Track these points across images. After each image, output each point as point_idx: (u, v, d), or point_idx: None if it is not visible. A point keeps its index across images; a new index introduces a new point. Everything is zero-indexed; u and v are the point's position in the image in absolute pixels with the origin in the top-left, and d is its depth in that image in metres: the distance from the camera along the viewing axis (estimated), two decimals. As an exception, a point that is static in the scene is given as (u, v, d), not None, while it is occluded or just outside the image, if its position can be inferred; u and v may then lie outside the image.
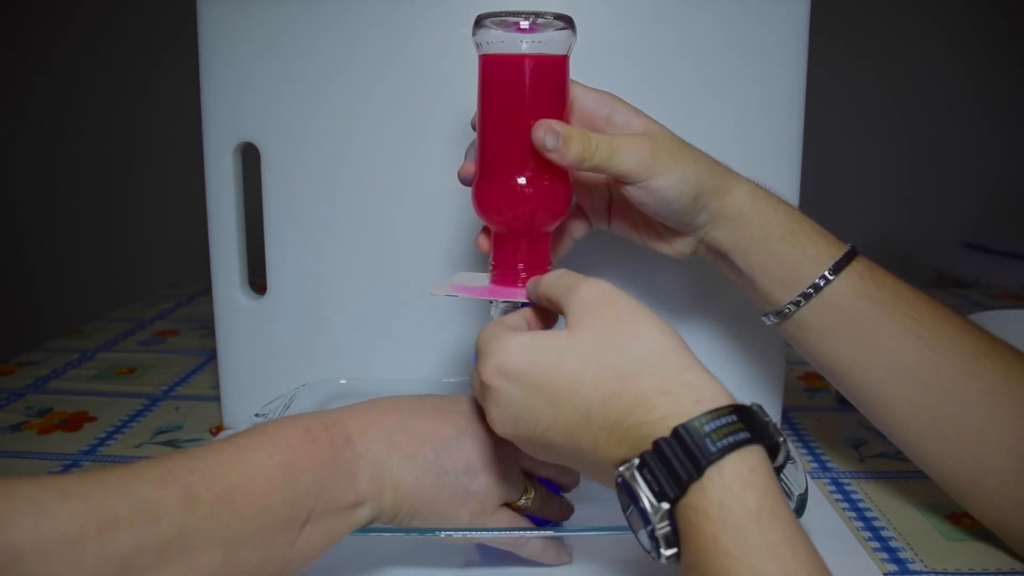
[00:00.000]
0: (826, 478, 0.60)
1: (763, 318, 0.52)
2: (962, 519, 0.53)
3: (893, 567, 0.49)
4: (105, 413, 0.71)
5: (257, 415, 0.54)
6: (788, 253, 0.49)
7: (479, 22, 0.45)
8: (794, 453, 0.48)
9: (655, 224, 0.52)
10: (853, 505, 0.56)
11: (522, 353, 0.38)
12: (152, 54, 2.16)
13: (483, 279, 0.49)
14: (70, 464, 0.61)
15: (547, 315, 0.44)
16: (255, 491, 0.37)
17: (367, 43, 0.60)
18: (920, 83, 2.15)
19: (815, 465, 0.62)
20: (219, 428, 0.67)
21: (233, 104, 0.62)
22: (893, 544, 0.51)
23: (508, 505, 0.46)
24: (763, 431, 0.34)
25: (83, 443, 0.65)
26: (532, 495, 0.47)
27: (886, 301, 0.48)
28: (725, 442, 0.33)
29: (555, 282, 0.41)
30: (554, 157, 0.45)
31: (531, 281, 0.44)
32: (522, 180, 0.46)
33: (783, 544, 0.31)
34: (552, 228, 0.49)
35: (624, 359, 0.36)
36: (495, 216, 0.48)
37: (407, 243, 0.63)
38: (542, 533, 0.49)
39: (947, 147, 2.21)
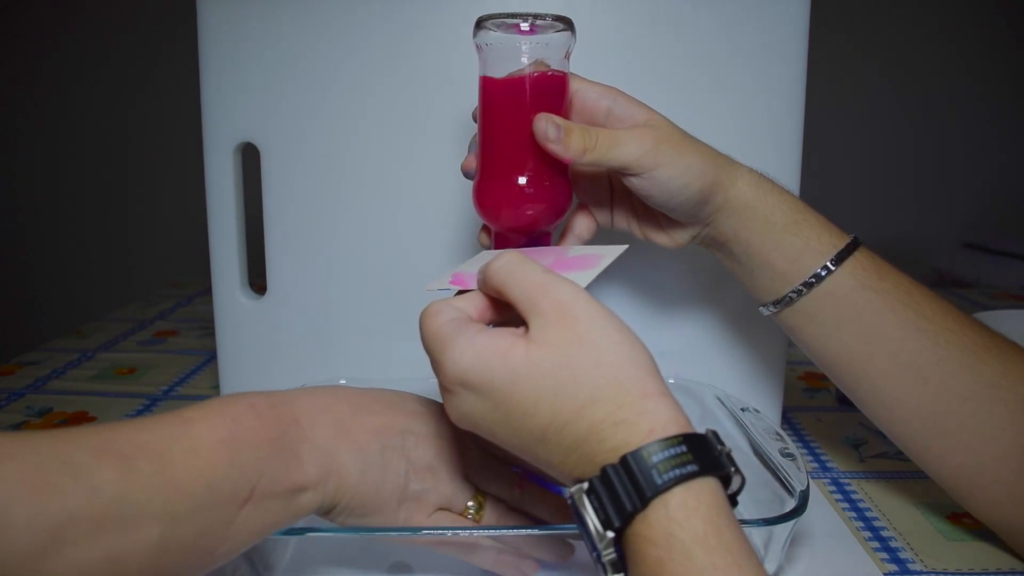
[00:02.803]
0: (826, 478, 0.60)
1: (761, 308, 0.52)
2: (962, 519, 0.53)
3: (893, 567, 0.49)
4: (105, 413, 0.71)
5: (257, 415, 0.54)
6: (791, 243, 0.49)
7: (479, 24, 0.45)
8: (792, 449, 0.48)
9: (656, 215, 0.51)
10: (853, 505, 0.56)
11: (477, 365, 0.36)
12: (152, 54, 2.16)
13: (476, 268, 0.46)
14: (70, 464, 0.61)
15: (501, 302, 0.40)
16: (197, 465, 0.36)
17: (367, 43, 0.60)
18: (920, 83, 2.15)
19: (815, 465, 0.62)
20: (219, 428, 0.67)
21: (233, 104, 0.62)
22: (893, 544, 0.51)
23: (453, 512, 0.45)
24: (714, 462, 0.33)
25: (83, 443, 0.65)
26: (484, 509, 0.45)
27: (888, 293, 0.48)
28: (672, 474, 0.32)
29: (510, 282, 0.37)
30: (555, 148, 0.45)
31: (481, 268, 0.39)
32: (522, 180, 0.46)
33: (731, 568, 0.31)
34: (552, 228, 0.49)
35: (580, 387, 0.34)
36: (495, 215, 0.48)
37: (407, 243, 0.63)
38: (541, 532, 0.49)
39: (948, 147, 2.21)
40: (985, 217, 2.22)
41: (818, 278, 0.48)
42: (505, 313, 0.39)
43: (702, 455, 0.33)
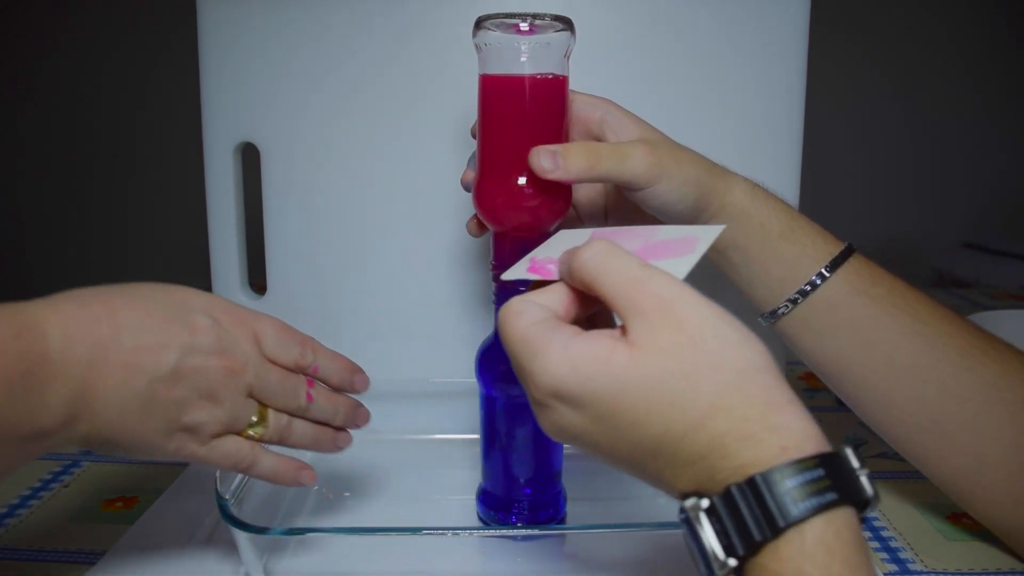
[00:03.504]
0: (826, 478, 0.60)
1: (759, 319, 0.52)
2: (962, 519, 0.53)
3: (893, 567, 0.49)
4: (105, 413, 0.71)
5: (257, 415, 0.54)
6: (786, 250, 0.49)
7: (479, 24, 0.45)
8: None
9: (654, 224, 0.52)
10: (853, 505, 0.56)
11: (575, 375, 0.32)
12: (152, 54, 2.16)
13: (557, 251, 0.39)
14: (70, 464, 0.61)
15: (588, 297, 0.36)
16: None
17: (367, 43, 0.60)
18: (920, 83, 2.15)
19: (815, 465, 0.62)
20: (219, 428, 0.67)
21: (233, 104, 0.62)
22: (893, 544, 0.51)
23: (233, 433, 0.42)
24: (852, 486, 0.30)
25: (83, 443, 0.65)
26: (267, 422, 0.43)
27: (884, 298, 0.48)
28: (808, 504, 0.28)
29: (601, 276, 0.33)
30: (557, 176, 0.44)
31: (564, 258, 0.35)
32: (522, 180, 0.46)
33: None
34: (552, 228, 0.49)
35: (699, 395, 0.31)
36: (495, 215, 0.48)
37: (407, 243, 0.63)
38: (541, 532, 0.50)
39: (947, 147, 2.21)
40: (985, 217, 2.22)
41: (813, 285, 0.48)
42: (593, 306, 0.36)
43: (840, 479, 0.29)
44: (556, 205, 0.47)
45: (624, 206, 0.52)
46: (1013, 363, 0.46)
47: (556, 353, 0.33)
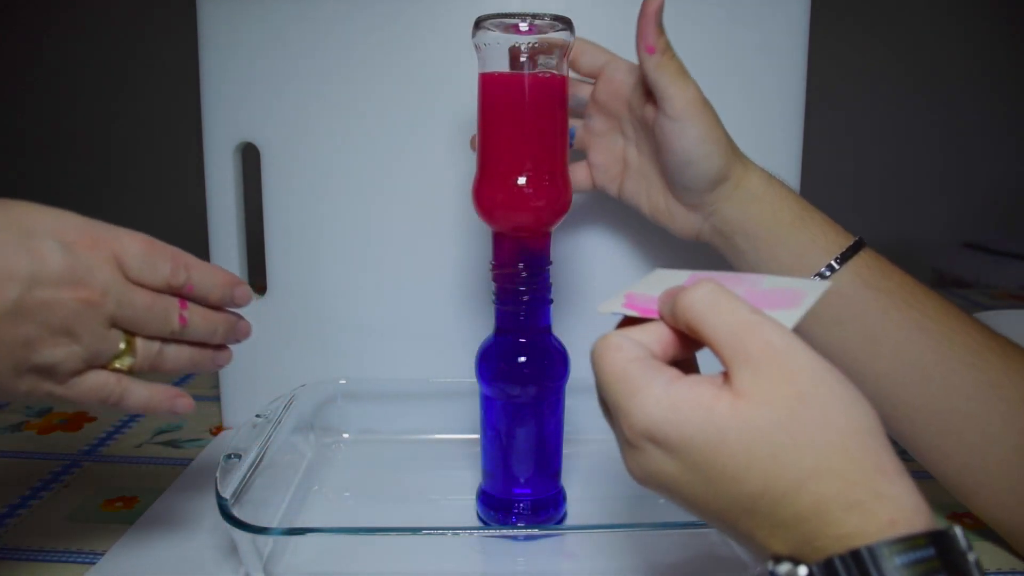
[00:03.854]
0: (826, 478, 0.60)
1: None
2: (962, 519, 0.53)
3: (893, 567, 0.49)
4: (105, 413, 0.71)
5: (258, 416, 0.54)
6: (796, 240, 0.49)
7: (478, 24, 0.45)
8: None
9: (667, 195, 0.52)
10: (853, 505, 0.56)
11: (674, 418, 0.30)
12: (152, 54, 2.16)
13: (656, 289, 0.37)
14: (70, 464, 0.61)
15: (689, 338, 0.34)
16: None
17: (367, 43, 0.60)
18: (920, 83, 2.15)
19: (815, 465, 0.62)
20: (219, 428, 0.68)
21: (233, 104, 0.62)
22: (893, 544, 0.51)
23: (97, 366, 0.39)
24: (962, 569, 0.28)
25: (83, 443, 0.65)
26: (136, 353, 0.40)
27: (893, 292, 0.48)
28: None
29: (708, 318, 0.32)
30: (647, 42, 0.47)
31: (666, 297, 0.34)
32: (522, 180, 0.46)
33: None
34: (552, 228, 0.49)
35: (804, 453, 0.29)
36: (494, 215, 0.48)
37: (407, 243, 0.63)
38: (541, 532, 0.50)
39: (948, 147, 2.22)
40: (985, 217, 2.22)
41: (822, 276, 0.48)
42: (691, 350, 0.35)
43: (951, 561, 0.27)
44: (556, 205, 0.48)
45: (643, 174, 0.52)
46: (1016, 360, 0.46)
47: (656, 393, 0.31)
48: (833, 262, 0.48)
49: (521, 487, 0.51)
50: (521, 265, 0.48)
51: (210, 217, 0.63)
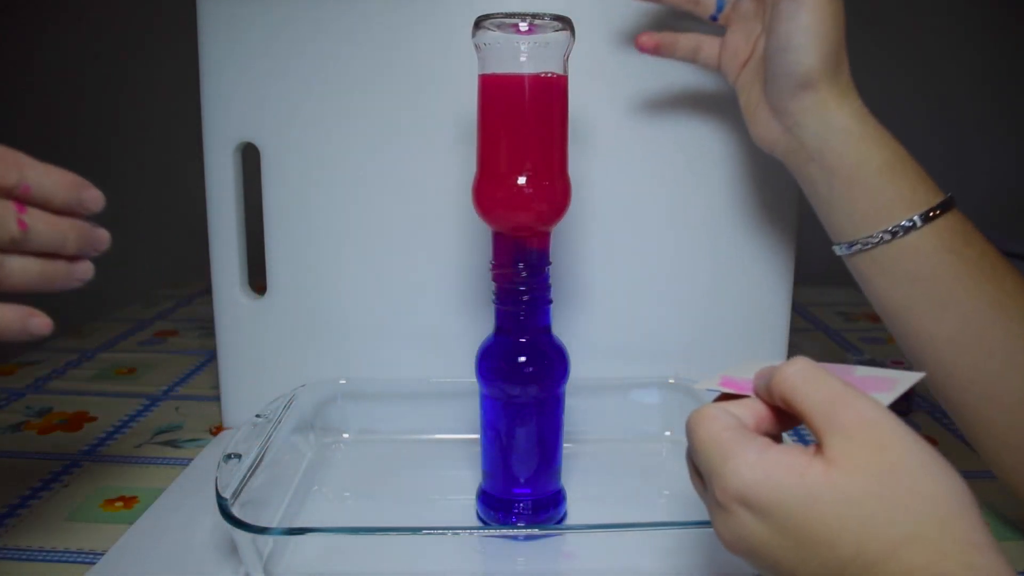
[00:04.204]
0: (826, 478, 0.60)
1: (835, 247, 0.50)
2: None
3: (893, 567, 0.48)
4: (105, 413, 0.71)
5: (258, 416, 0.54)
6: (880, 188, 0.47)
7: (478, 24, 0.45)
8: None
9: (761, 92, 0.50)
10: (853, 505, 0.56)
11: (767, 482, 0.31)
12: (152, 54, 2.16)
13: (750, 373, 0.39)
14: (70, 464, 0.61)
15: (782, 414, 0.35)
16: None
17: (367, 43, 0.60)
18: (920, 83, 2.15)
19: (815, 465, 0.62)
20: (219, 428, 0.68)
21: (233, 104, 0.62)
22: (893, 544, 0.51)
23: None
24: None
25: (83, 443, 0.65)
26: None
27: (972, 261, 0.46)
28: None
29: (802, 390, 0.32)
30: None
31: (761, 374, 0.35)
32: (521, 180, 0.46)
33: None
34: (551, 228, 0.49)
35: (895, 522, 0.29)
36: (494, 215, 0.48)
37: (407, 243, 0.63)
38: (541, 532, 0.50)
39: (947, 147, 2.22)
40: (985, 217, 2.22)
41: (903, 230, 0.46)
42: (785, 427, 0.36)
43: None
44: (555, 205, 0.48)
45: (759, 62, 0.51)
46: None
47: (750, 458, 0.31)
48: (916, 219, 0.46)
49: (521, 487, 0.51)
50: (521, 265, 0.48)
51: (210, 217, 0.63)
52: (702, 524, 0.49)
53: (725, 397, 0.37)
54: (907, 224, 0.46)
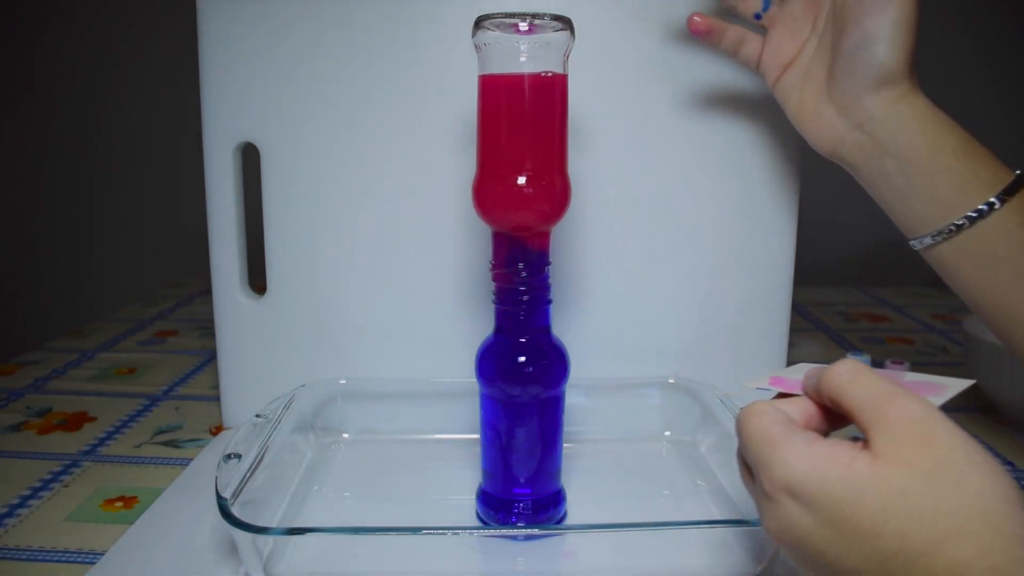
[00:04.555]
0: (826, 478, 0.60)
1: (913, 242, 0.50)
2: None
3: (893, 567, 0.48)
4: (105, 413, 0.71)
5: (258, 416, 0.54)
6: (959, 170, 0.46)
7: (478, 24, 0.45)
8: None
9: (822, 93, 0.50)
10: (853, 505, 0.56)
11: (814, 472, 0.31)
12: (152, 54, 2.16)
13: (799, 374, 0.40)
14: (70, 464, 0.61)
15: (834, 413, 0.36)
16: None
17: (367, 43, 0.60)
18: (920, 82, 2.16)
19: (815, 465, 0.62)
20: (219, 428, 0.68)
21: (233, 104, 0.62)
22: (893, 544, 0.51)
23: None
24: None
25: (83, 443, 0.65)
26: None
27: None
28: None
29: (850, 388, 0.33)
30: None
31: (811, 373, 0.36)
32: (522, 180, 0.46)
33: None
34: (550, 228, 0.49)
35: (941, 515, 0.29)
36: (494, 215, 0.48)
37: (407, 243, 0.63)
38: (541, 532, 0.50)
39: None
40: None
41: (982, 212, 0.46)
42: (833, 426, 0.36)
43: None
44: (555, 205, 0.47)
45: (808, 66, 0.50)
46: None
47: (798, 448, 0.32)
48: (996, 197, 0.46)
49: (521, 487, 0.51)
50: (521, 265, 0.48)
51: (210, 217, 0.63)
52: (702, 524, 0.49)
53: (777, 397, 0.37)
54: (985, 207, 0.46)
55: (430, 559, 0.47)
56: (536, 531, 0.50)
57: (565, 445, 0.53)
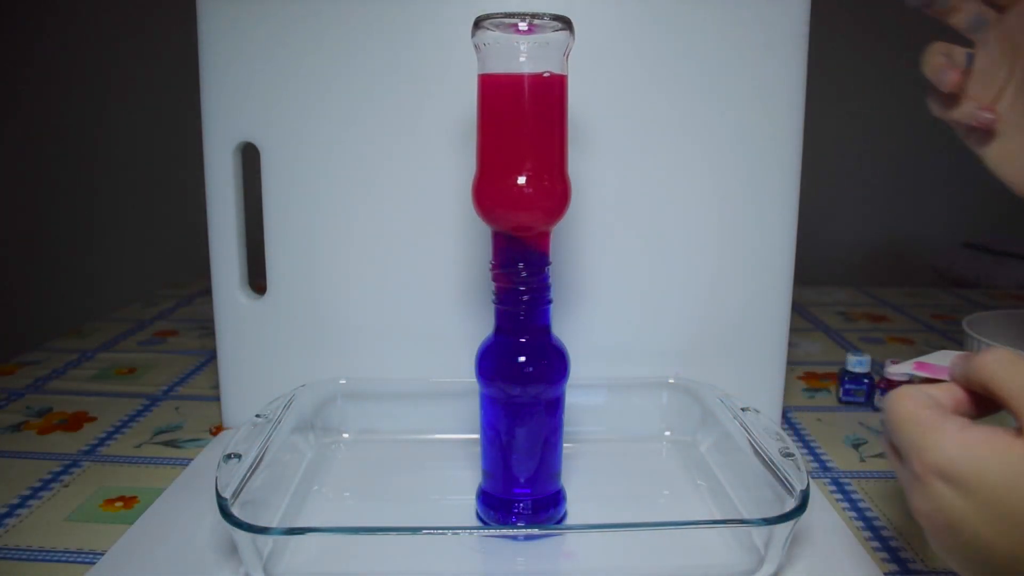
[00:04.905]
0: (826, 478, 0.60)
1: None
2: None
3: (893, 567, 0.49)
4: (105, 413, 0.71)
5: (258, 416, 0.54)
6: None
7: (478, 24, 0.45)
8: (792, 449, 0.49)
9: None
10: (853, 505, 0.56)
11: (968, 455, 0.31)
12: (152, 54, 2.16)
13: (944, 360, 0.40)
14: (70, 464, 0.61)
15: (982, 399, 0.36)
16: None
17: (367, 43, 0.60)
18: (920, 82, 2.15)
19: (815, 465, 0.62)
20: (219, 428, 0.68)
21: (233, 104, 0.62)
22: (893, 544, 0.51)
23: None
24: None
25: (83, 443, 0.65)
26: None
27: None
28: None
29: (1003, 374, 0.33)
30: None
31: (959, 360, 0.36)
32: (522, 180, 0.46)
33: None
34: (550, 228, 0.49)
35: None
36: (494, 215, 0.48)
37: (407, 242, 0.63)
38: (541, 532, 0.50)
39: (947, 147, 2.21)
40: (985, 217, 2.22)
41: None
42: (981, 412, 0.36)
43: None
44: (555, 205, 0.47)
45: (1018, 126, 0.49)
46: None
47: (951, 432, 0.32)
48: None
49: (521, 487, 0.51)
50: (521, 265, 0.48)
51: (210, 217, 0.63)
52: (702, 524, 0.49)
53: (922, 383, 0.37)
54: None
55: (430, 559, 0.47)
56: (536, 531, 0.50)
57: (565, 445, 0.53)
